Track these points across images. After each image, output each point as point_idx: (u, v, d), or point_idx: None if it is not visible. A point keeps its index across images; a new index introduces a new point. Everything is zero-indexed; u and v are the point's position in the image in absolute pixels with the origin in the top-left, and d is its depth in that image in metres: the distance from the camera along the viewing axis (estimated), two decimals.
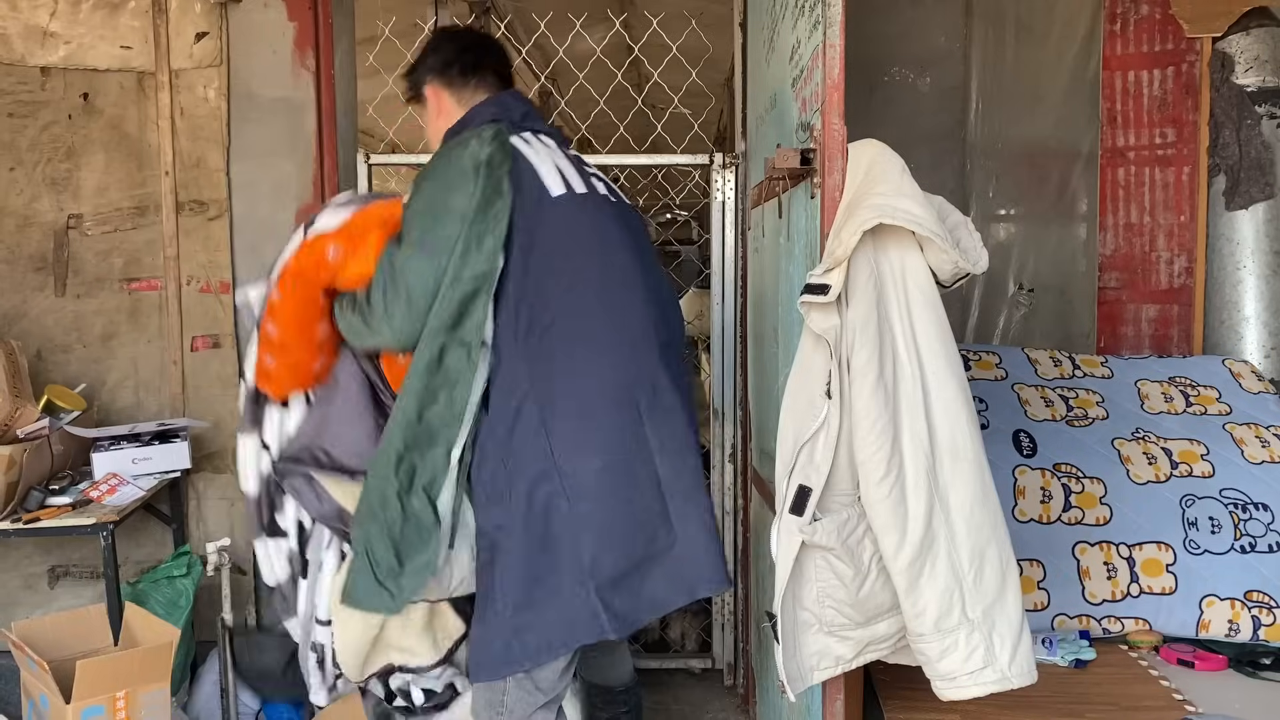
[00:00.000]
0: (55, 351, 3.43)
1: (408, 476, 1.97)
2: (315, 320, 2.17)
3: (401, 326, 1.99)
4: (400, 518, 1.96)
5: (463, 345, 1.96)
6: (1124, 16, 3.58)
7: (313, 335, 2.18)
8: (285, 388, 2.21)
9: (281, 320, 2.17)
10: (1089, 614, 2.72)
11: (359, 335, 2.09)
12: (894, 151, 1.85)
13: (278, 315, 2.17)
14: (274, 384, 2.21)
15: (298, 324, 2.16)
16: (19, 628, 2.81)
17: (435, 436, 1.97)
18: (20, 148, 3.39)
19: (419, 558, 1.96)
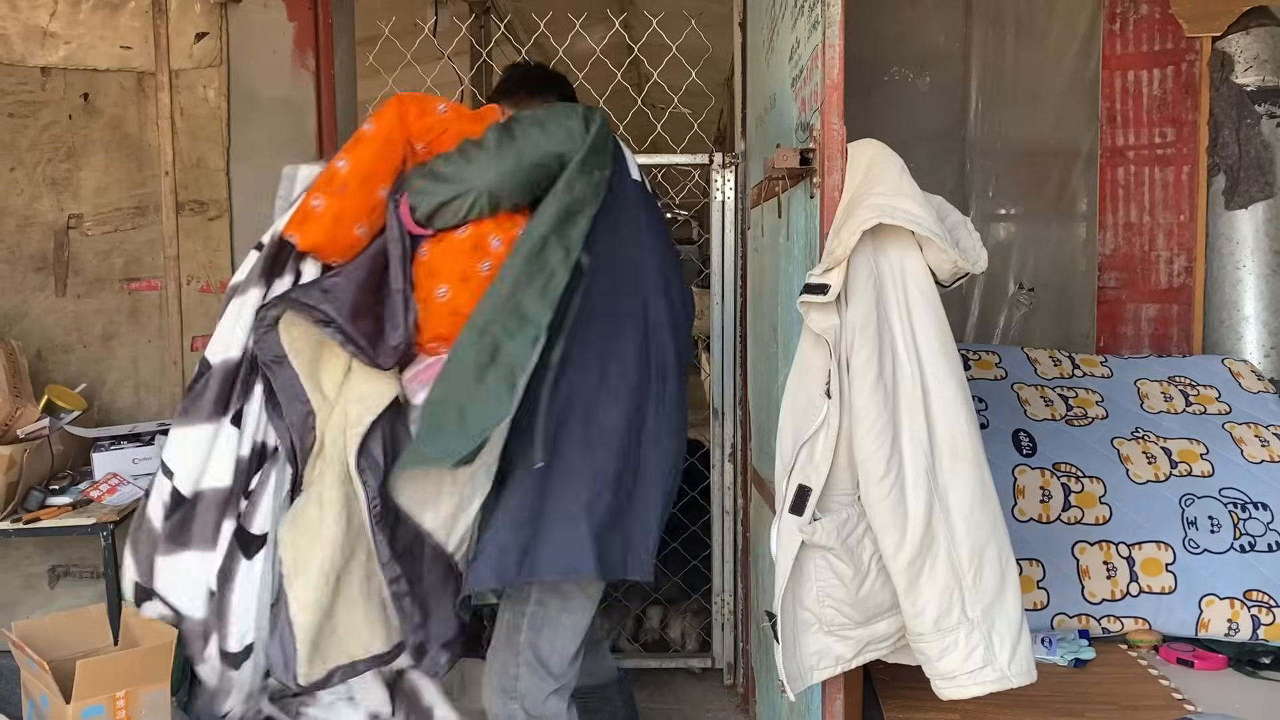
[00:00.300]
0: (55, 351, 3.43)
1: (489, 351, 1.98)
2: (384, 175, 2.12)
3: (505, 168, 2.04)
4: (475, 386, 1.97)
5: (562, 246, 2.03)
6: (1123, 16, 3.58)
7: (374, 189, 2.11)
8: (317, 237, 2.09)
9: (360, 153, 2.11)
10: (1088, 613, 2.72)
11: (450, 177, 2.07)
12: (893, 151, 1.85)
13: (358, 147, 2.12)
14: (308, 227, 2.09)
15: (371, 164, 2.10)
16: (19, 627, 2.81)
17: (526, 317, 1.99)
18: (21, 148, 3.40)
19: (480, 423, 1.95)
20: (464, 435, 1.95)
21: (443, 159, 2.11)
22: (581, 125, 2.08)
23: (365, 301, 2.09)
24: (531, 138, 2.06)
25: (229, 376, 2.14)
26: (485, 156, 2.05)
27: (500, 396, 1.96)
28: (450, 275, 2.11)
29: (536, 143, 2.06)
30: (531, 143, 2.06)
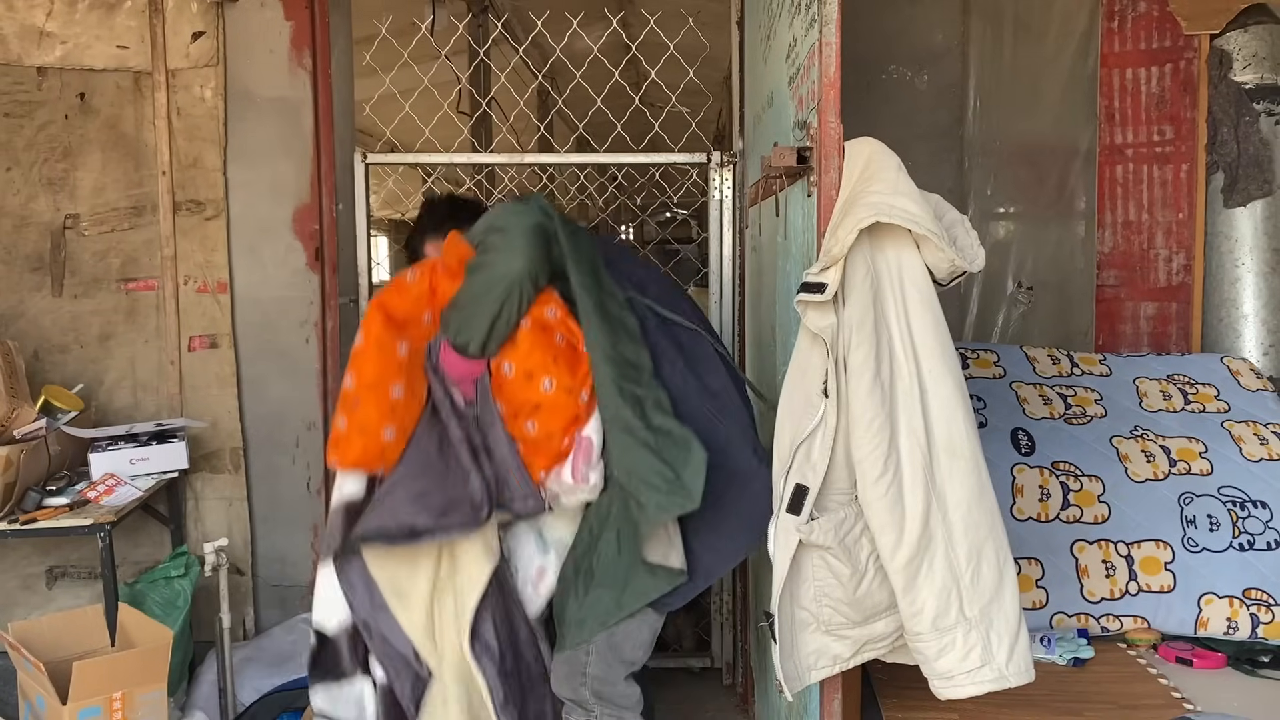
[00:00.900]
0: (52, 352, 3.43)
1: (636, 404, 2.05)
2: (390, 374, 2.15)
3: (524, 247, 2.07)
4: (652, 434, 2.03)
5: (613, 297, 2.13)
6: (1122, 14, 3.58)
7: (386, 391, 2.14)
8: (352, 455, 2.14)
9: (360, 366, 2.16)
10: (1087, 612, 2.72)
11: (483, 292, 2.09)
12: (890, 149, 1.84)
13: (357, 361, 2.17)
14: (341, 450, 2.16)
15: (377, 367, 2.14)
16: (16, 628, 2.81)
17: (639, 366, 2.09)
18: (17, 148, 3.39)
19: (693, 459, 2.01)
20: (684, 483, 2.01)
21: (462, 292, 2.13)
22: (521, 205, 2.15)
23: (433, 484, 2.14)
24: (511, 224, 2.10)
25: (351, 636, 2.22)
26: (500, 255, 2.08)
27: (675, 431, 2.04)
28: (543, 365, 2.12)
29: (518, 222, 2.10)
30: (516, 223, 2.10)
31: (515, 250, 2.06)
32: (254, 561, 3.51)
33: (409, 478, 2.13)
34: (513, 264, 2.06)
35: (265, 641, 3.36)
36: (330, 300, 3.49)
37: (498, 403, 2.14)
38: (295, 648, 3.29)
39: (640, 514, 2.05)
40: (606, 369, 2.06)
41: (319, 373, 3.49)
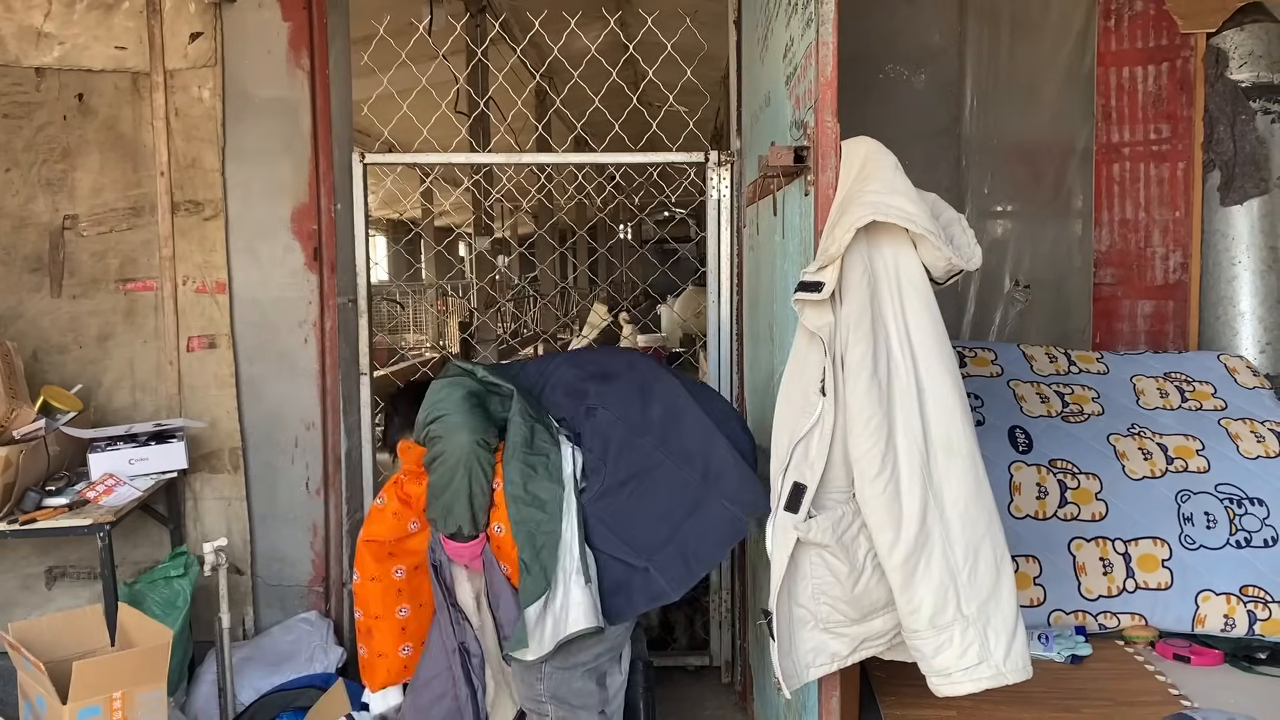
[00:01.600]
0: (51, 352, 3.43)
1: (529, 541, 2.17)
2: (393, 600, 2.43)
3: (465, 421, 2.20)
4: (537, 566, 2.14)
5: (543, 425, 2.26)
6: (1118, 12, 3.59)
7: (393, 617, 2.43)
8: (380, 679, 2.44)
9: (363, 601, 2.43)
10: (1085, 609, 2.72)
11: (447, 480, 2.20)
12: (887, 148, 1.85)
13: (360, 598, 2.43)
14: (369, 675, 2.45)
15: (379, 601, 2.41)
16: (16, 628, 2.81)
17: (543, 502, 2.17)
18: (15, 149, 3.39)
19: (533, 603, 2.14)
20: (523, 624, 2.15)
21: (431, 489, 2.26)
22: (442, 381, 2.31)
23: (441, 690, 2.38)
24: (441, 407, 2.23)
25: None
26: (445, 440, 2.20)
27: (539, 579, 2.13)
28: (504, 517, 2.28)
29: (447, 400, 2.23)
30: (446, 403, 2.23)
31: (455, 428, 2.19)
32: (253, 561, 3.51)
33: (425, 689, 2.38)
34: (458, 440, 2.18)
35: (264, 641, 3.36)
36: (329, 300, 3.49)
37: (503, 564, 2.24)
38: (294, 647, 3.29)
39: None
40: (511, 508, 2.17)
41: (317, 373, 3.49)
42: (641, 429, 2.20)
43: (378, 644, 2.43)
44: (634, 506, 2.15)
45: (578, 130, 3.92)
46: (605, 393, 2.29)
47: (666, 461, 2.16)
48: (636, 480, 2.16)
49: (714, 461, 2.15)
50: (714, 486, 2.13)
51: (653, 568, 2.11)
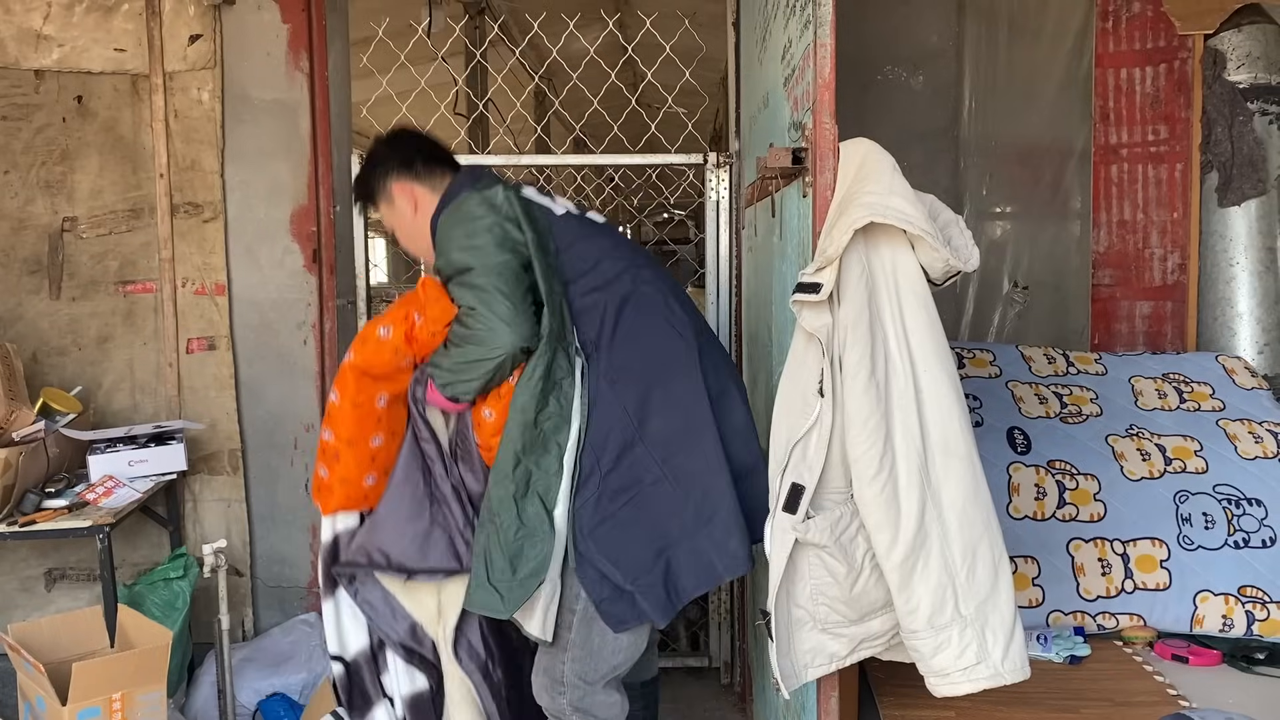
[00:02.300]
0: (51, 354, 3.43)
1: (524, 481, 2.09)
2: (370, 428, 2.25)
3: (516, 322, 2.07)
4: (516, 523, 2.08)
5: (564, 351, 2.12)
6: (1116, 14, 3.59)
7: (365, 444, 2.25)
8: (335, 503, 2.28)
9: (337, 423, 2.25)
10: (1084, 610, 2.73)
11: (475, 362, 2.11)
12: (885, 150, 1.85)
13: (334, 418, 2.25)
14: (324, 497, 2.28)
15: (354, 425, 2.23)
16: (15, 630, 2.82)
17: (549, 444, 2.10)
18: (14, 151, 3.40)
19: (530, 564, 2.06)
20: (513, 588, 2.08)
21: (452, 358, 2.15)
22: (488, 209, 2.16)
23: (419, 529, 2.24)
24: (489, 272, 2.09)
25: (370, 659, 2.33)
26: (488, 331, 2.08)
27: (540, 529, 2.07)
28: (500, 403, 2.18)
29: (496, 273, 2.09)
30: (500, 278, 2.09)
31: (501, 321, 2.07)
32: (252, 563, 3.52)
33: (395, 518, 2.24)
34: (501, 340, 2.08)
35: (264, 642, 3.36)
36: (328, 302, 3.50)
37: (475, 435, 2.20)
38: (294, 648, 3.30)
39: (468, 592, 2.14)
40: (517, 434, 2.09)
41: (317, 374, 3.49)
42: (651, 438, 2.11)
43: (344, 470, 2.25)
44: (626, 522, 2.09)
45: (576, 132, 3.92)
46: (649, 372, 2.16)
47: (664, 481, 2.09)
48: (631, 492, 2.09)
49: (712, 497, 2.09)
50: (704, 527, 2.09)
51: (638, 593, 2.07)
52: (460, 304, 2.15)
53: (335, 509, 2.28)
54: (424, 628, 2.31)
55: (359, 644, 2.33)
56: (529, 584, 2.05)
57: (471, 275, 2.11)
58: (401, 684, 2.32)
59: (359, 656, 2.33)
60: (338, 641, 2.34)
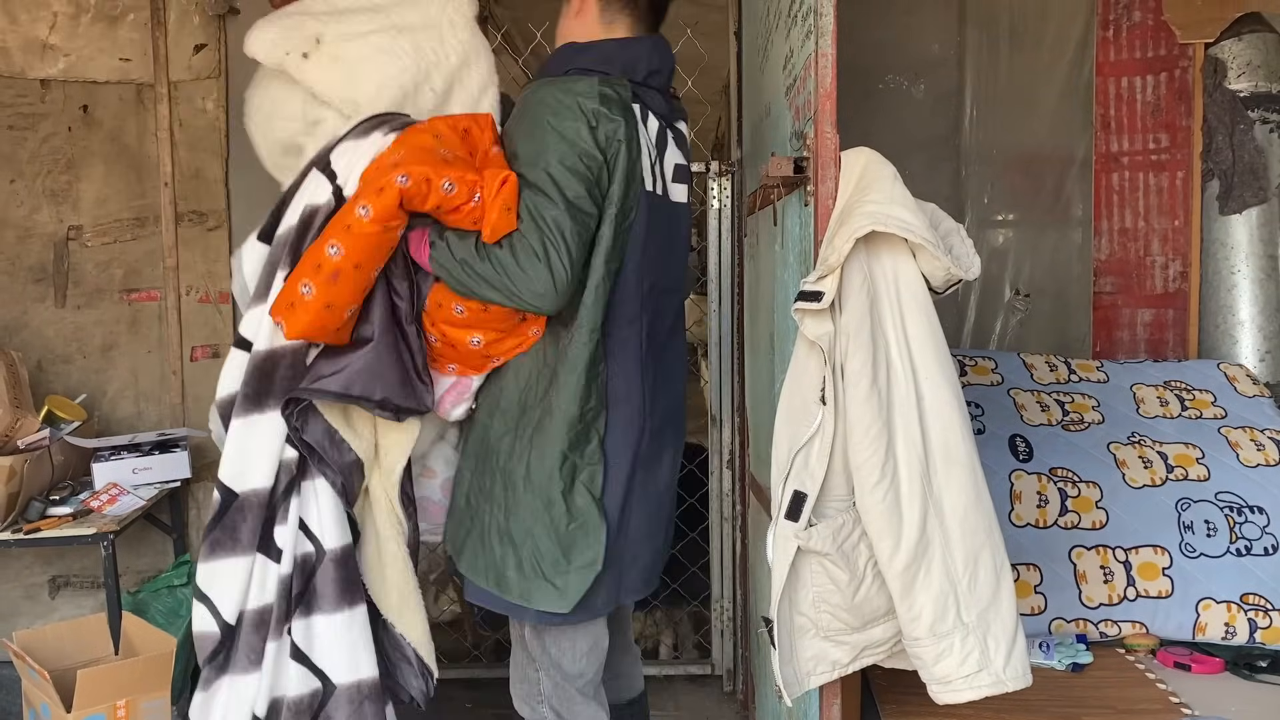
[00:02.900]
0: (56, 362, 3.45)
1: (570, 476, 2.04)
2: (380, 260, 1.97)
3: (563, 290, 1.92)
4: (566, 517, 2.04)
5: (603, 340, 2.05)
6: (1116, 23, 3.60)
7: (371, 272, 1.96)
8: (303, 327, 1.93)
9: (355, 242, 1.91)
10: (1086, 618, 2.73)
11: (487, 286, 1.92)
12: (885, 159, 1.86)
13: (354, 236, 1.90)
14: (294, 316, 1.92)
15: (374, 251, 1.94)
16: (20, 637, 2.82)
17: (590, 431, 2.05)
18: (20, 160, 3.41)
19: (586, 554, 2.04)
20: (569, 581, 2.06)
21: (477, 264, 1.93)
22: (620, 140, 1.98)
23: (392, 360, 2.02)
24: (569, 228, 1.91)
25: (263, 505, 2.05)
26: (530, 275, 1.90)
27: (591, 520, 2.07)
28: (489, 328, 2.04)
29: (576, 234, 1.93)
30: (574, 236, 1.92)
31: (547, 284, 1.89)
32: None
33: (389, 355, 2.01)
34: (534, 298, 1.91)
35: None
36: None
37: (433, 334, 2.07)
38: None
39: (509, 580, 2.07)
40: (562, 433, 2.02)
41: None
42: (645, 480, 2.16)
43: (337, 293, 1.90)
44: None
45: None
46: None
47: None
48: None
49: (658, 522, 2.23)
50: (631, 566, 2.16)
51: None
52: (531, 219, 1.91)
53: (301, 334, 1.94)
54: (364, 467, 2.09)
55: (260, 482, 2.03)
56: (586, 574, 2.03)
57: (546, 205, 1.91)
58: (329, 536, 2.04)
59: (253, 496, 2.03)
60: (236, 469, 2.04)
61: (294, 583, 2.03)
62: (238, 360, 2.07)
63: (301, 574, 2.04)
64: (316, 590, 2.05)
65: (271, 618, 2.03)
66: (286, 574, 2.03)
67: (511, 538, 2.06)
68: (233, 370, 2.09)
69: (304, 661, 2.05)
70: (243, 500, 2.04)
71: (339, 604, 2.05)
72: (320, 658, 2.05)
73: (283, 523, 2.04)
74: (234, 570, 2.03)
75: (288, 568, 2.03)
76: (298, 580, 2.04)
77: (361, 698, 2.05)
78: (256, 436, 2.03)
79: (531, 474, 2.04)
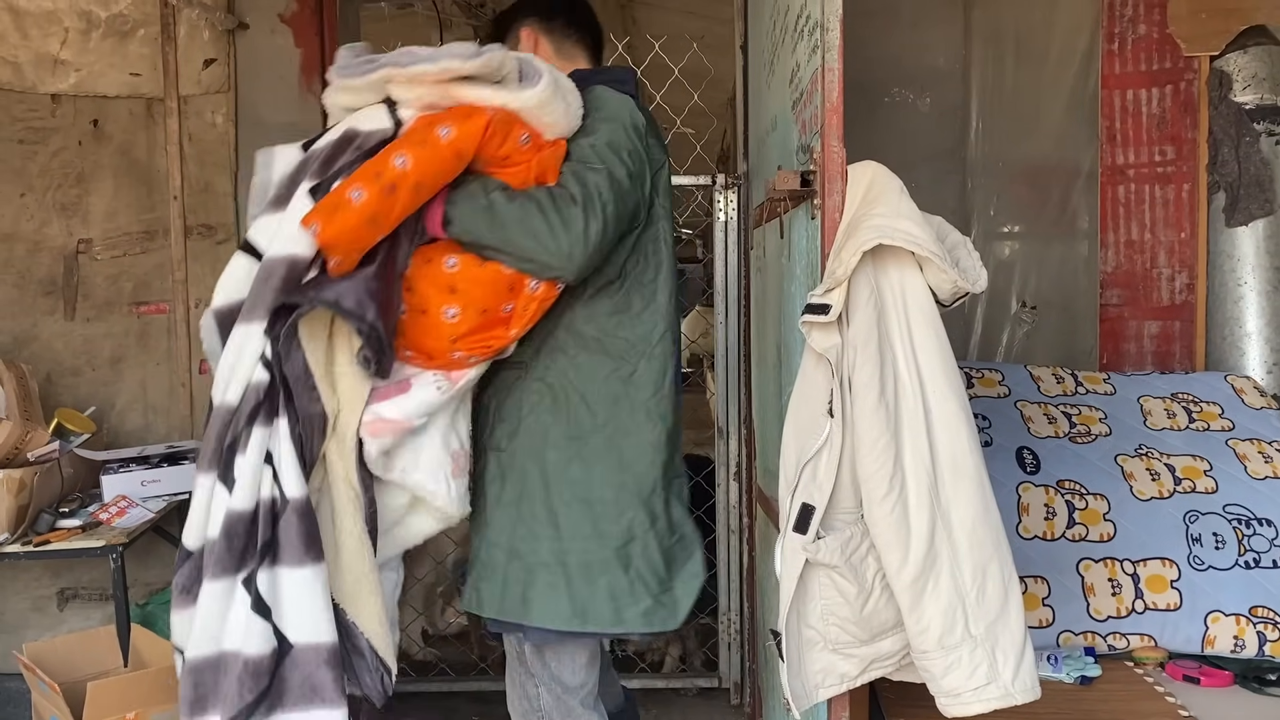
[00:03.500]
0: (65, 375, 3.46)
1: (666, 487, 2.05)
2: (435, 190, 1.87)
3: (592, 247, 1.86)
4: (668, 530, 2.05)
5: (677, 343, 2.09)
6: (1121, 36, 3.61)
7: (420, 200, 1.85)
8: (340, 233, 1.79)
9: (426, 161, 1.82)
10: (1094, 630, 2.72)
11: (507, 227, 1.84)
12: (892, 173, 1.87)
13: (428, 151, 1.82)
14: (337, 219, 1.78)
15: (432, 176, 1.84)
16: (30, 649, 2.83)
17: (677, 443, 2.07)
18: (31, 174, 3.44)
19: (689, 566, 2.08)
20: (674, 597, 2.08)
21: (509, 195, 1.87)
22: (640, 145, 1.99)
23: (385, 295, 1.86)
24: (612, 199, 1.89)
25: (226, 423, 1.84)
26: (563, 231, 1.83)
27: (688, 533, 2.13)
28: (471, 305, 1.91)
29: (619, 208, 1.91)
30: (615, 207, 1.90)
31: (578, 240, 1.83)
32: None
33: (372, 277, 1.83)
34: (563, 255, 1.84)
35: None
36: None
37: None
38: None
39: (619, 605, 1.99)
40: (666, 446, 2.04)
41: None
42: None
43: (386, 209, 1.79)
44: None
45: None
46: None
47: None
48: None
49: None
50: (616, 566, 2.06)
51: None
52: (576, 180, 1.88)
53: (333, 239, 1.79)
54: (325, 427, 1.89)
55: (232, 396, 1.84)
56: (692, 585, 2.07)
57: (589, 170, 1.90)
58: (290, 484, 1.83)
59: (222, 409, 1.84)
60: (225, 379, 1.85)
61: (260, 529, 1.82)
62: (244, 266, 1.89)
63: (269, 521, 1.83)
64: (279, 540, 1.83)
65: (212, 557, 1.82)
66: (243, 510, 1.81)
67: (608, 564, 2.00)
68: (237, 274, 1.90)
69: (266, 617, 1.82)
70: (213, 415, 1.87)
71: (302, 558, 1.82)
72: (280, 615, 1.83)
73: (242, 452, 1.82)
74: (200, 488, 1.86)
75: (243, 504, 1.81)
76: (265, 527, 1.82)
77: (320, 660, 1.83)
78: (243, 347, 1.84)
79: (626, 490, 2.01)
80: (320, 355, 1.88)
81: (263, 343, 1.81)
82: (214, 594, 1.80)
